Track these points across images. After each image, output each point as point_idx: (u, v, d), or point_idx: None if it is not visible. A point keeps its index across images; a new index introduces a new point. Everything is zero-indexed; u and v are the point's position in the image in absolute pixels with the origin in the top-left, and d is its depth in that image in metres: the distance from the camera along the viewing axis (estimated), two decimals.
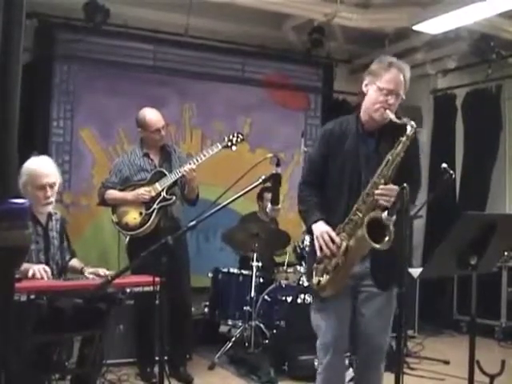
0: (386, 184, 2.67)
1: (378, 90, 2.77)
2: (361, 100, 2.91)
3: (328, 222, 2.78)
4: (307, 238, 4.64)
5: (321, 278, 2.76)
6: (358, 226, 2.67)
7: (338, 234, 2.73)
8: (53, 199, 3.46)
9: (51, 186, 3.43)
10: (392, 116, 2.73)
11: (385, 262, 2.67)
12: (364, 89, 2.86)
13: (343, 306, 2.86)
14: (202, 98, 6.70)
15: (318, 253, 2.76)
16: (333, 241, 2.71)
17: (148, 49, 6.44)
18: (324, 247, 2.72)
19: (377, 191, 2.67)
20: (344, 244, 2.70)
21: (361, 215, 2.68)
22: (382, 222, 2.62)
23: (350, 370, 3.68)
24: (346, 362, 3.40)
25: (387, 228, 2.61)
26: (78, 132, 6.24)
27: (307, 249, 4.70)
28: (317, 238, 2.76)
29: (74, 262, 3.60)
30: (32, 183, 3.37)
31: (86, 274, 3.45)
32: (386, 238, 2.60)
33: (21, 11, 1.71)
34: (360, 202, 2.70)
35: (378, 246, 2.60)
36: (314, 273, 2.80)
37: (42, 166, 3.46)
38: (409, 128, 2.67)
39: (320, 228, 2.77)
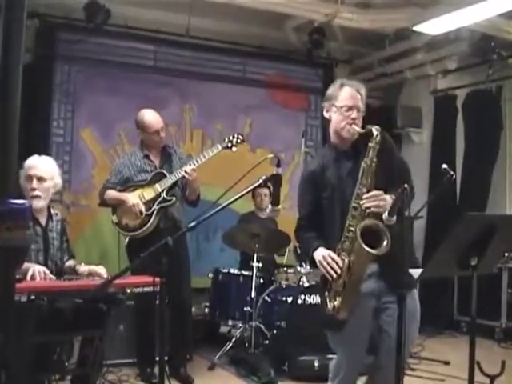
0: (368, 192, 2.71)
1: (339, 110, 2.88)
2: (327, 127, 3.00)
3: (328, 248, 2.82)
4: None
5: (335, 303, 2.78)
6: (354, 240, 2.70)
7: (338, 255, 2.76)
8: (39, 193, 3.38)
9: (39, 178, 3.38)
10: (358, 129, 2.82)
11: (391, 263, 2.64)
12: (326, 115, 2.96)
13: (362, 329, 2.84)
14: (202, 99, 6.69)
15: (327, 276, 2.77)
16: (335, 261, 2.74)
17: (149, 49, 6.44)
18: (329, 269, 2.75)
19: (362, 201, 2.71)
20: (346, 261, 2.72)
21: (354, 230, 2.71)
22: (374, 228, 2.64)
23: None
24: None
25: (383, 232, 2.63)
26: (79, 132, 6.24)
27: None
28: (320, 262, 2.80)
29: (69, 263, 3.59)
30: (23, 176, 3.38)
31: (79, 271, 3.44)
32: (384, 242, 2.62)
33: (22, 12, 1.72)
34: (350, 217, 2.74)
35: (376, 251, 2.62)
36: (327, 300, 2.82)
37: (33, 160, 3.45)
38: (374, 132, 2.73)
39: (321, 253, 2.82)
